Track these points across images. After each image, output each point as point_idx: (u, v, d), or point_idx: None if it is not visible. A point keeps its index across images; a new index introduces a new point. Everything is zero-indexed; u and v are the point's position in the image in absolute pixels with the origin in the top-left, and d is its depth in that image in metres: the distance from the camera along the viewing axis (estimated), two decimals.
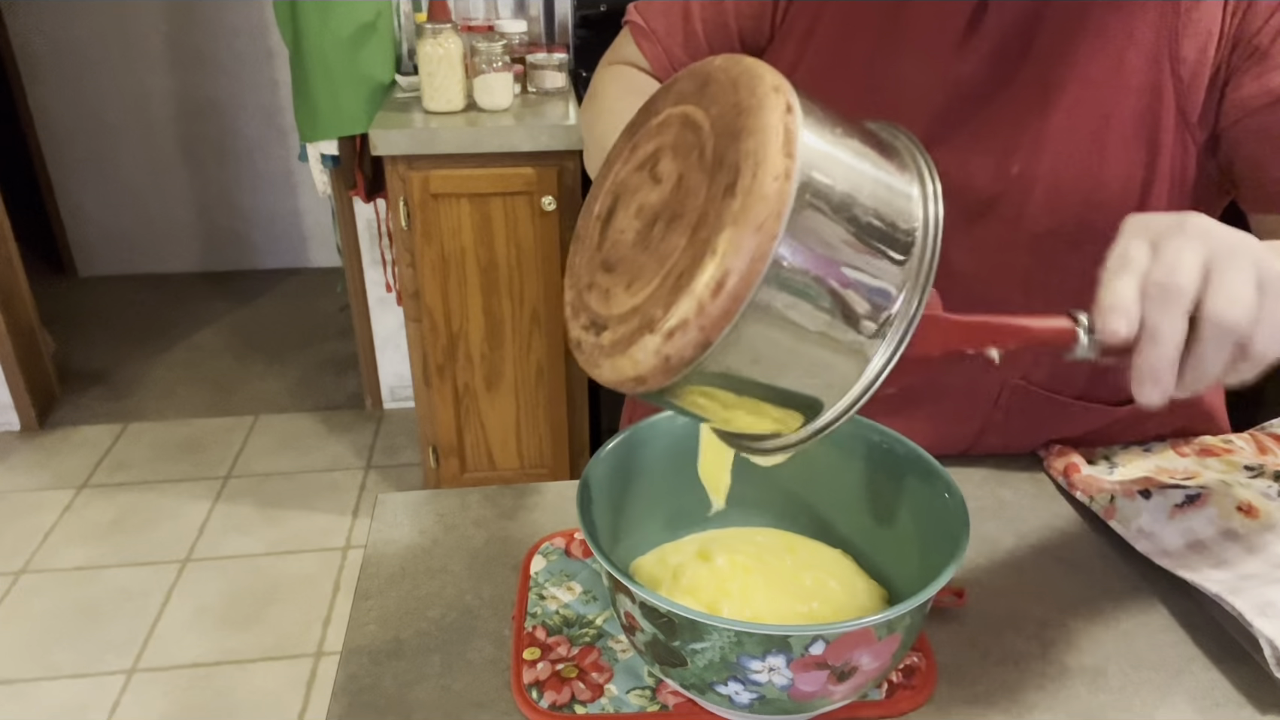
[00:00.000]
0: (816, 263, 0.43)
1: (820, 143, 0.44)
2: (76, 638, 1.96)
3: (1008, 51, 0.71)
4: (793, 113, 0.43)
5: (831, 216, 0.43)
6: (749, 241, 0.41)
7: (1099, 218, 0.72)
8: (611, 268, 0.48)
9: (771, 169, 0.41)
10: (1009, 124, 0.72)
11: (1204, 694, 0.60)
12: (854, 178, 0.45)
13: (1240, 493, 0.72)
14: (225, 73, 3.39)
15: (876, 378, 0.46)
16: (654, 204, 0.47)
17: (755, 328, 0.43)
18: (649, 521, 0.67)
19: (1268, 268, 0.46)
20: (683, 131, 0.48)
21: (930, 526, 0.59)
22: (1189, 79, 0.69)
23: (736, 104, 0.44)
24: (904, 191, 0.47)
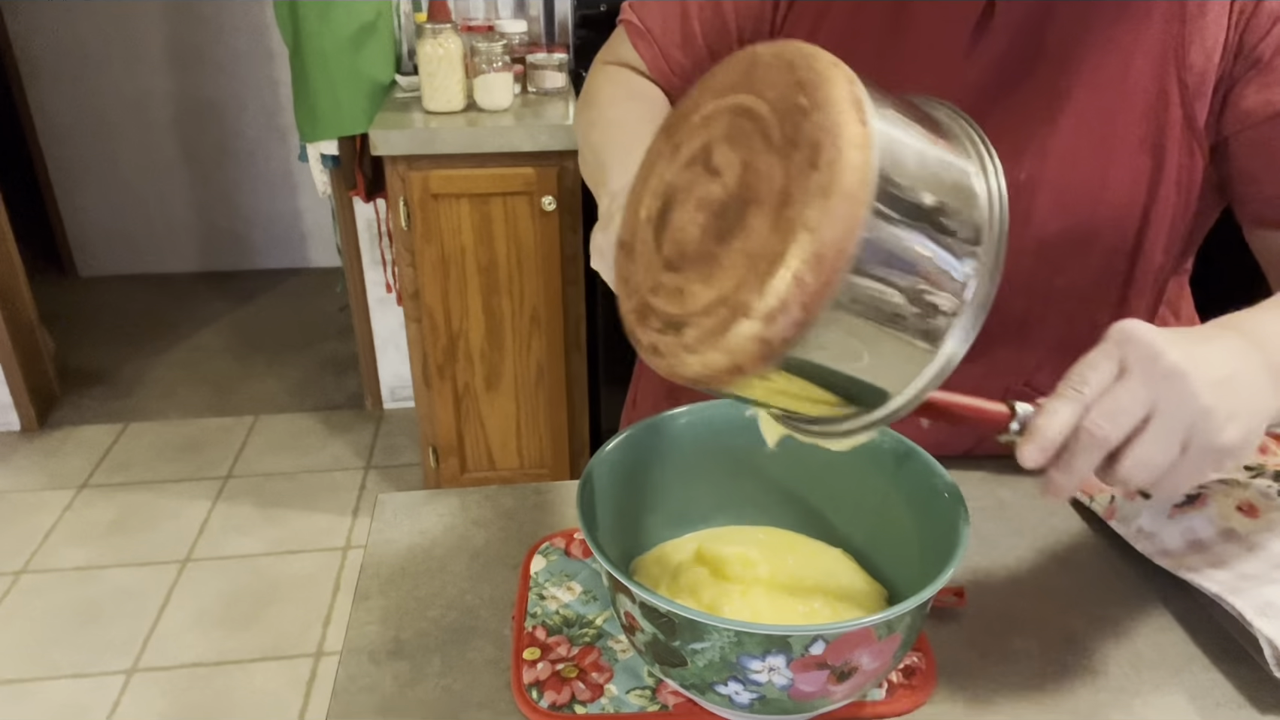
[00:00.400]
0: (902, 234, 0.43)
1: (884, 116, 0.44)
2: (76, 638, 1.96)
3: (1015, 57, 0.71)
4: (856, 83, 0.43)
5: (911, 183, 0.43)
6: (841, 210, 0.40)
7: (1104, 223, 0.72)
8: (678, 266, 0.47)
9: (851, 138, 0.41)
10: (1016, 130, 0.71)
11: (1204, 694, 0.60)
12: (921, 151, 0.45)
13: (1240, 493, 0.72)
14: (225, 73, 3.39)
15: (959, 349, 0.46)
16: (718, 195, 0.46)
17: (852, 304, 0.42)
18: (649, 521, 0.67)
19: (1201, 431, 0.47)
20: (736, 120, 0.47)
21: (930, 526, 0.59)
22: (1195, 86, 0.69)
23: (798, 82, 0.44)
24: (962, 168, 0.47)
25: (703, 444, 0.67)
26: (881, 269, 0.42)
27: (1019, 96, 0.71)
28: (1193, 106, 0.70)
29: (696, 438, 0.67)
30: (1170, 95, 0.69)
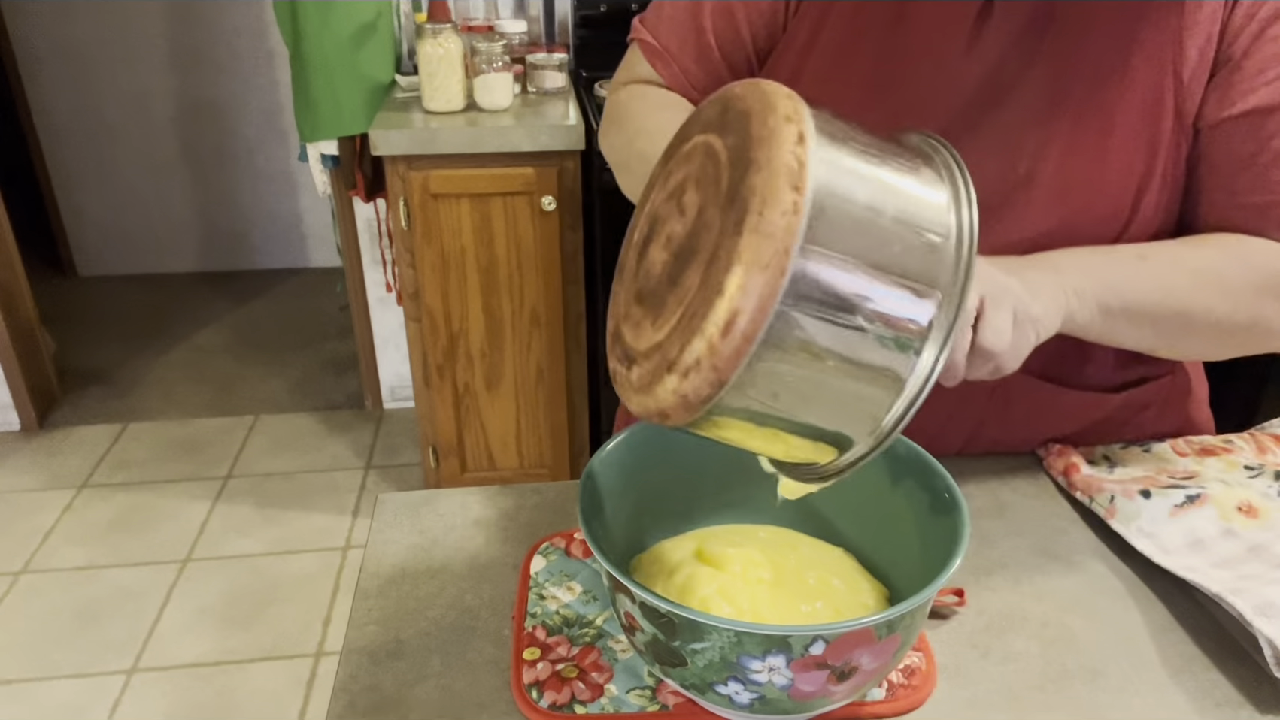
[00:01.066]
0: (835, 293, 0.42)
1: (838, 167, 0.43)
2: (76, 638, 1.96)
3: (1015, 53, 0.71)
4: (804, 143, 0.42)
5: (850, 244, 0.42)
6: (756, 281, 0.40)
7: (1097, 216, 0.72)
8: (643, 300, 0.48)
9: (779, 205, 0.41)
10: (1016, 126, 0.72)
11: (1204, 694, 0.60)
12: (877, 198, 0.44)
13: (1240, 493, 0.72)
14: (225, 73, 3.39)
15: (916, 397, 0.45)
16: (679, 236, 0.47)
17: (771, 364, 0.42)
18: (649, 521, 0.67)
19: (1019, 304, 0.60)
20: (705, 162, 0.47)
21: (930, 526, 0.59)
22: (1189, 79, 0.70)
23: (749, 134, 0.44)
24: (933, 203, 0.46)
25: (703, 444, 0.67)
26: (811, 327, 0.42)
27: (1019, 92, 0.71)
28: (1185, 101, 0.70)
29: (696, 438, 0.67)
30: (1165, 90, 0.70)
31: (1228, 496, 0.72)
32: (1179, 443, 0.83)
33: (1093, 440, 0.85)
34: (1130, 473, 0.79)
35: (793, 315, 0.41)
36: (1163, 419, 0.87)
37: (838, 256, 0.42)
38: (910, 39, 0.73)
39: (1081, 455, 0.82)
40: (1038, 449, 0.85)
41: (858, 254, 0.43)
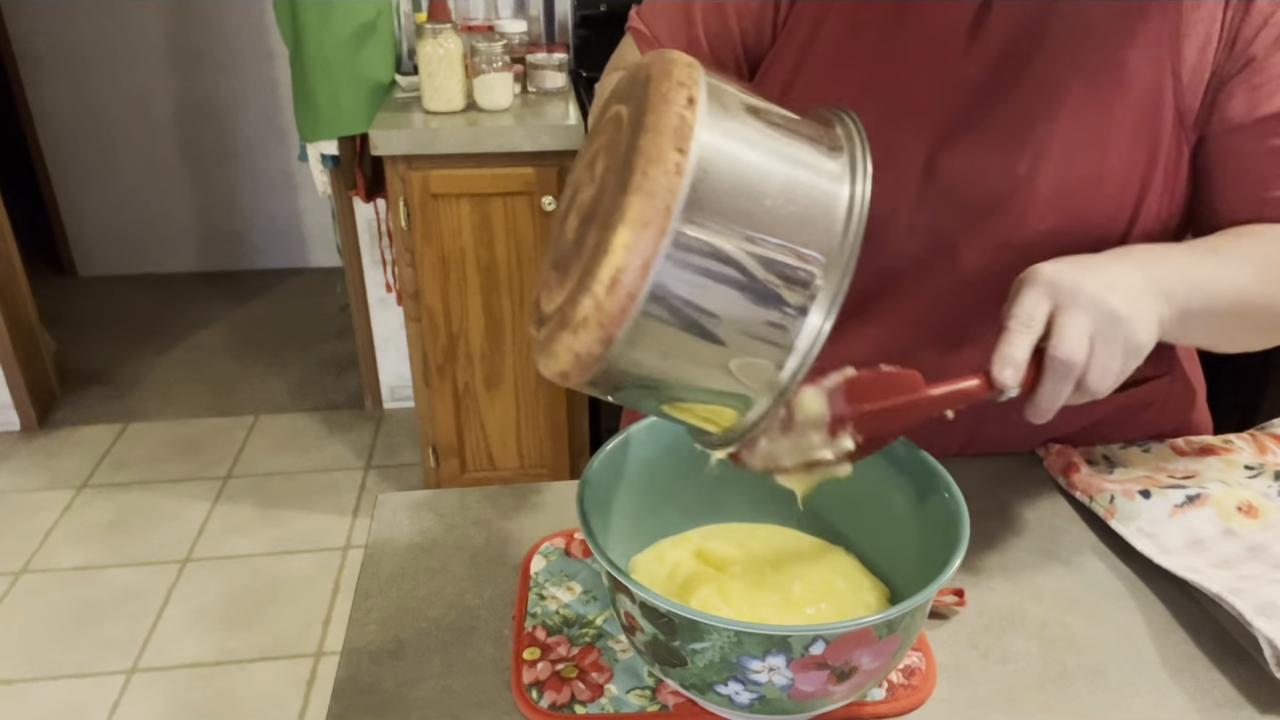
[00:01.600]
0: (719, 254, 0.43)
1: (729, 132, 0.44)
2: (76, 638, 1.96)
3: (1013, 53, 0.71)
4: (693, 105, 0.43)
5: (736, 207, 0.43)
6: (639, 238, 0.42)
7: (1099, 215, 0.72)
8: (557, 266, 0.49)
9: (662, 164, 0.42)
10: (1015, 125, 0.72)
11: (1204, 694, 0.60)
12: (765, 164, 0.45)
13: (1240, 493, 0.72)
14: (225, 73, 3.39)
15: (807, 355, 0.46)
16: (585, 202, 0.48)
17: (658, 323, 0.43)
18: (649, 521, 0.67)
19: (1130, 335, 0.58)
20: (613, 130, 0.48)
21: (930, 526, 0.59)
22: (1188, 80, 0.70)
23: (646, 100, 0.45)
24: (827, 171, 0.46)
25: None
26: (696, 285, 0.43)
27: (1018, 91, 0.72)
28: (1185, 100, 0.70)
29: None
30: (1164, 88, 0.70)
31: (1228, 496, 0.72)
32: (1179, 442, 0.83)
33: (1093, 440, 0.85)
34: (1130, 473, 0.79)
35: (677, 273, 0.43)
36: (1162, 419, 0.87)
37: (722, 217, 0.43)
38: (909, 39, 0.73)
39: (1081, 455, 0.82)
40: (1037, 449, 0.85)
41: (742, 215, 0.44)
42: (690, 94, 0.44)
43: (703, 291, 0.43)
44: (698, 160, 0.42)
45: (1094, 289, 0.57)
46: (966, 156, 0.73)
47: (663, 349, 0.44)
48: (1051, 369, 0.58)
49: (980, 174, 0.73)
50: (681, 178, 0.42)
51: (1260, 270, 0.67)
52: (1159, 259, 0.64)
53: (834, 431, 0.55)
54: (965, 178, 0.73)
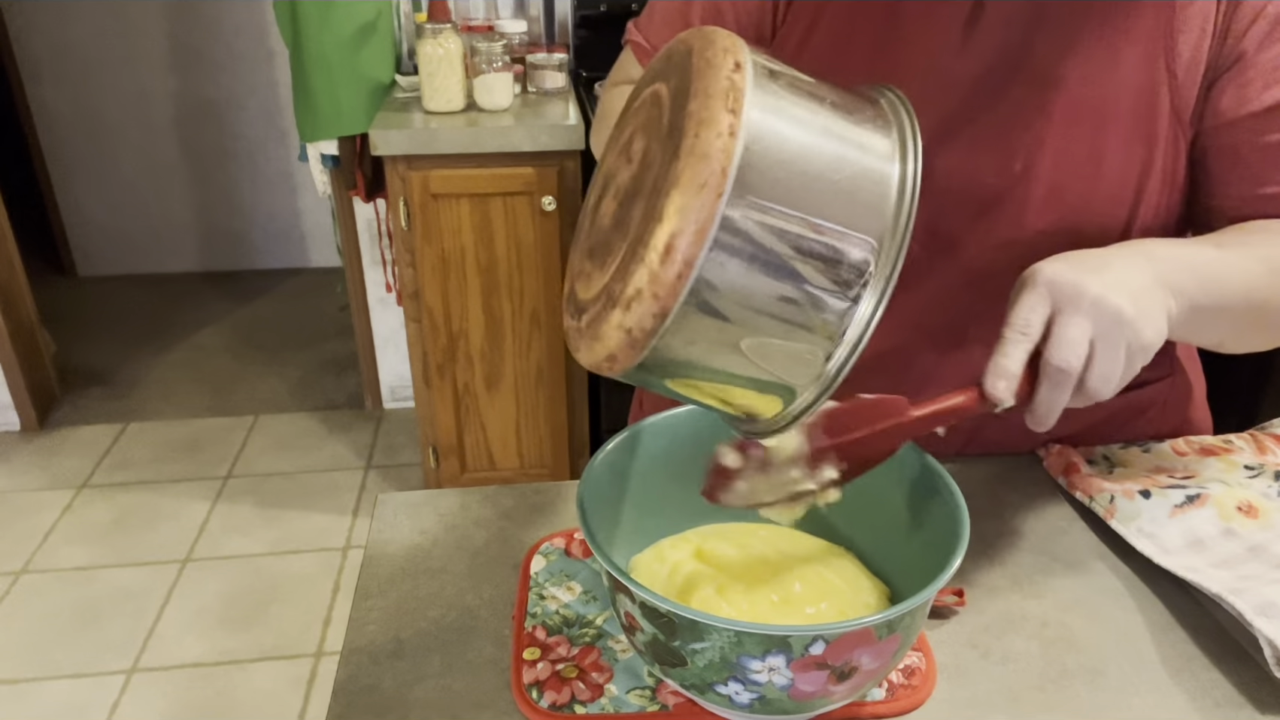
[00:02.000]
0: (773, 228, 0.41)
1: (779, 100, 0.43)
2: (76, 638, 1.96)
3: (1007, 50, 0.71)
4: (741, 70, 0.42)
5: (789, 178, 0.42)
6: (694, 202, 0.40)
7: (1096, 212, 0.72)
8: (593, 254, 0.48)
9: (715, 126, 0.40)
10: (1011, 122, 0.72)
11: (1204, 694, 0.60)
12: (814, 138, 0.43)
13: (1240, 493, 0.72)
14: (225, 73, 3.39)
15: (857, 344, 0.45)
16: (625, 183, 0.47)
17: (711, 297, 0.41)
18: (649, 521, 0.67)
19: (1133, 336, 0.55)
20: (650, 109, 0.47)
21: (930, 526, 0.59)
22: (1183, 75, 0.70)
23: (690, 70, 0.44)
24: (878, 150, 0.45)
25: (703, 444, 0.67)
26: (751, 255, 0.41)
27: (1013, 90, 0.72)
28: (1180, 96, 0.70)
29: (697, 437, 0.67)
30: (1159, 84, 0.70)
31: (1228, 496, 0.72)
32: (1179, 442, 0.83)
33: (1093, 441, 0.84)
34: (1130, 473, 0.79)
35: (731, 243, 0.41)
36: (1163, 420, 0.87)
37: (775, 188, 0.42)
38: (903, 39, 0.74)
39: (1081, 455, 0.82)
40: (1038, 449, 0.85)
41: (795, 188, 0.42)
42: (737, 59, 0.42)
43: (756, 268, 0.41)
44: (749, 124, 0.41)
45: (1096, 290, 0.55)
46: (962, 154, 0.73)
47: (715, 328, 0.42)
48: (1047, 376, 0.55)
49: (976, 172, 0.73)
50: (735, 140, 0.40)
51: (1270, 267, 0.66)
52: (1168, 252, 0.62)
53: (815, 465, 0.54)
54: (961, 176, 0.73)
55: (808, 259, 0.43)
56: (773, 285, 0.42)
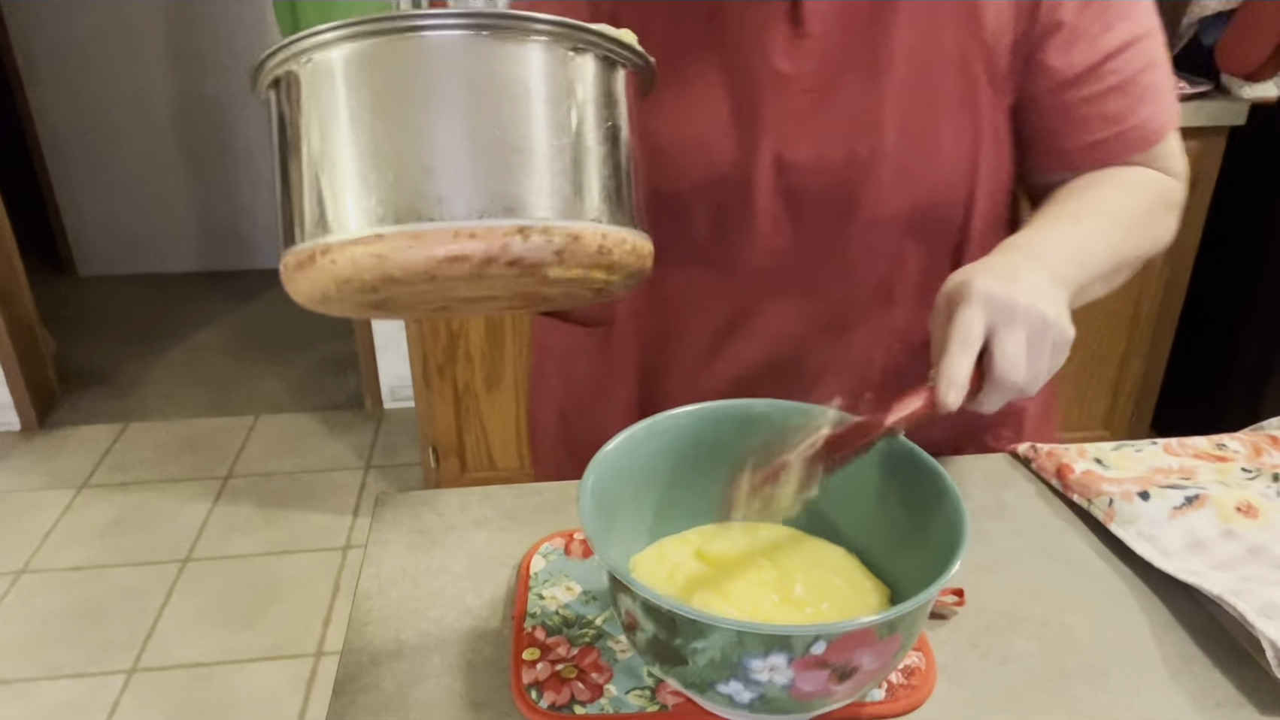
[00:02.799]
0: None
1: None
2: (76, 638, 1.96)
3: (834, 43, 0.74)
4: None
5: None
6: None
7: (943, 185, 0.77)
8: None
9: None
10: (850, 110, 0.75)
11: (1204, 694, 0.60)
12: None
13: (1239, 493, 0.72)
14: (225, 73, 3.39)
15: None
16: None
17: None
18: (649, 521, 0.67)
19: (1058, 336, 0.62)
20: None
21: (930, 526, 0.59)
22: (992, 44, 0.74)
23: None
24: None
25: (703, 443, 0.67)
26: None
27: (847, 79, 0.75)
28: (993, 64, 0.75)
29: (697, 437, 0.67)
30: (973, 55, 0.74)
31: (1227, 497, 0.72)
32: (1172, 443, 0.83)
33: (966, 440, 0.88)
34: (1123, 474, 0.79)
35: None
36: (1027, 423, 0.92)
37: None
38: (730, 43, 0.75)
39: (1072, 457, 0.82)
40: (1024, 450, 0.85)
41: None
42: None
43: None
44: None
45: (1026, 301, 0.60)
46: (811, 150, 0.76)
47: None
48: (995, 386, 0.61)
49: (827, 164, 0.76)
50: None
51: (1119, 224, 0.74)
52: (1048, 249, 0.68)
53: (806, 484, 0.58)
54: (814, 170, 0.76)
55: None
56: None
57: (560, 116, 0.50)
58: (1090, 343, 2.14)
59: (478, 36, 0.47)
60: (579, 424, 0.94)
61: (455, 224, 0.47)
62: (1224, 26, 1.96)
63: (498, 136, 0.48)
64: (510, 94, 0.48)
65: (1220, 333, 2.19)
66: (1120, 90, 0.76)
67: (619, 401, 0.89)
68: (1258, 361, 2.09)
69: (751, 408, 0.67)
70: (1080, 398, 2.21)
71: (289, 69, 0.50)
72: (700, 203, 0.77)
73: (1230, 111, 1.92)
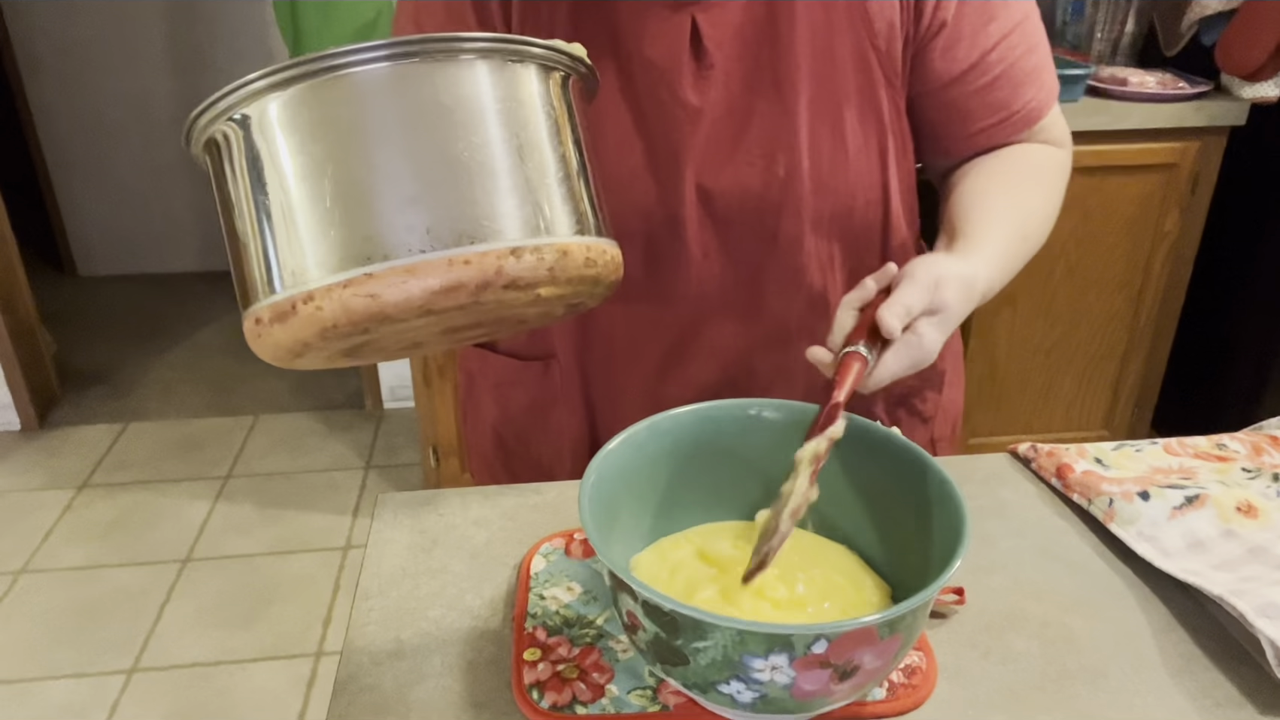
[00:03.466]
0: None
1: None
2: (76, 638, 1.96)
3: (738, 71, 0.75)
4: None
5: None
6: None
7: (859, 188, 0.79)
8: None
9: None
10: (763, 133, 0.76)
11: (1204, 694, 0.60)
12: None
13: (1239, 493, 0.72)
14: (225, 73, 3.39)
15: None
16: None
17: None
18: (650, 520, 0.67)
19: (952, 323, 0.66)
20: None
21: (931, 526, 0.59)
22: (885, 47, 0.76)
23: None
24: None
25: (703, 444, 0.67)
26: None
27: (757, 106, 0.76)
28: (887, 66, 0.77)
29: (697, 437, 0.67)
30: (871, 64, 0.76)
31: (1227, 496, 0.72)
32: (1172, 443, 0.83)
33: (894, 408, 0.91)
34: (1123, 474, 0.79)
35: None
36: (936, 401, 0.94)
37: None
38: (637, 82, 0.76)
39: (1073, 455, 0.82)
40: (1024, 450, 0.85)
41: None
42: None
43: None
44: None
45: (960, 311, 0.65)
46: (732, 177, 0.77)
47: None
48: (908, 359, 0.63)
49: (748, 188, 0.77)
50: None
51: (1024, 208, 0.78)
52: (984, 273, 0.70)
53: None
54: (737, 195, 0.77)
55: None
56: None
57: (528, 133, 0.49)
58: (1090, 343, 2.14)
59: (433, 61, 0.47)
60: (516, 446, 0.94)
61: (448, 252, 0.46)
62: (1224, 26, 1.96)
63: (470, 159, 0.47)
64: (470, 115, 0.48)
65: (1220, 333, 2.19)
66: (1002, 79, 0.79)
67: (563, 426, 0.90)
68: (1258, 362, 2.09)
69: (751, 407, 0.67)
70: (1080, 398, 2.21)
71: (223, 127, 0.50)
72: (630, 241, 0.76)
73: (1230, 111, 1.92)
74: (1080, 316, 2.10)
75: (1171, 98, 1.92)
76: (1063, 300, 2.07)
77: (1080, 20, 2.22)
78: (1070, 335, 2.12)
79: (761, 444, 0.67)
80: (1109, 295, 2.09)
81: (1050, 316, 2.09)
